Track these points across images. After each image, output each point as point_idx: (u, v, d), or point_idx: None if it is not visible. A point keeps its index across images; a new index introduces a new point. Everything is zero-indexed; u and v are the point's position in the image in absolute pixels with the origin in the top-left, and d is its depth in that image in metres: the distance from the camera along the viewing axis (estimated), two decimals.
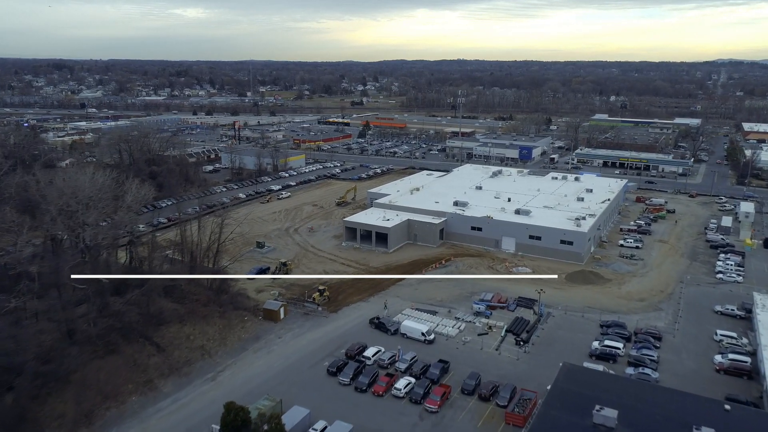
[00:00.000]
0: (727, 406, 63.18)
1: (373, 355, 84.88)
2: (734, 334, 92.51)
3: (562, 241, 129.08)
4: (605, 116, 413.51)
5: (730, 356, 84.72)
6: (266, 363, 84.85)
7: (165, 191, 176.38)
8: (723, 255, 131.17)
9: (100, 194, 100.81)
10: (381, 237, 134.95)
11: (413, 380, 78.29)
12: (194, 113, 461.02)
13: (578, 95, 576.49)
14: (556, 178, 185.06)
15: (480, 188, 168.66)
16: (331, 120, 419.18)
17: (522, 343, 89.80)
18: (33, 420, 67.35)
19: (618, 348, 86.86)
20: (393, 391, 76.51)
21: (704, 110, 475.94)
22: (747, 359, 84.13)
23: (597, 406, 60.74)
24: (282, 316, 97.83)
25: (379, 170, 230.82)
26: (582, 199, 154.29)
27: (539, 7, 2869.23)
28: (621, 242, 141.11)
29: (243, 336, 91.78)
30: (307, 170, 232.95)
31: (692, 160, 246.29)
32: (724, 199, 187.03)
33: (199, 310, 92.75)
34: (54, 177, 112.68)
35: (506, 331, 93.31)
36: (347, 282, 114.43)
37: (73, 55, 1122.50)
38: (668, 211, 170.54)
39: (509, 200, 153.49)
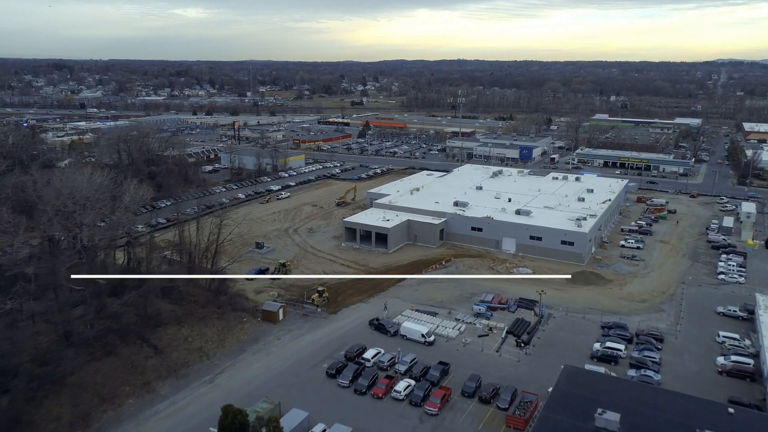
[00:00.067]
0: (731, 410, 62.53)
1: (373, 357, 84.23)
2: (737, 336, 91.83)
3: (563, 242, 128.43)
4: (605, 116, 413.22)
5: (733, 358, 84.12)
6: (265, 365, 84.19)
7: (164, 191, 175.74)
8: (725, 256, 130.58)
9: (98, 194, 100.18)
10: (381, 237, 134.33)
11: (413, 382, 77.65)
12: (194, 113, 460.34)
13: (578, 95, 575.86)
14: (557, 179, 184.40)
15: (480, 188, 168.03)
16: (331, 120, 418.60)
17: (523, 345, 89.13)
18: (29, 423, 66.74)
19: (619, 350, 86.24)
20: (393, 394, 75.86)
21: (705, 110, 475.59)
22: (750, 361, 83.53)
23: (599, 410, 60.10)
24: (281, 318, 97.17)
25: (379, 170, 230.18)
26: (583, 200, 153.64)
27: (539, 7, 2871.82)
28: (622, 243, 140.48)
29: (241, 337, 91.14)
30: (307, 170, 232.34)
31: (693, 160, 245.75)
32: (726, 200, 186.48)
33: (198, 312, 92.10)
34: (51, 177, 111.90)
35: (507, 333, 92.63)
36: (347, 283, 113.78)
37: (73, 55, 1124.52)
38: (669, 212, 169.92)
39: (510, 200, 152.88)
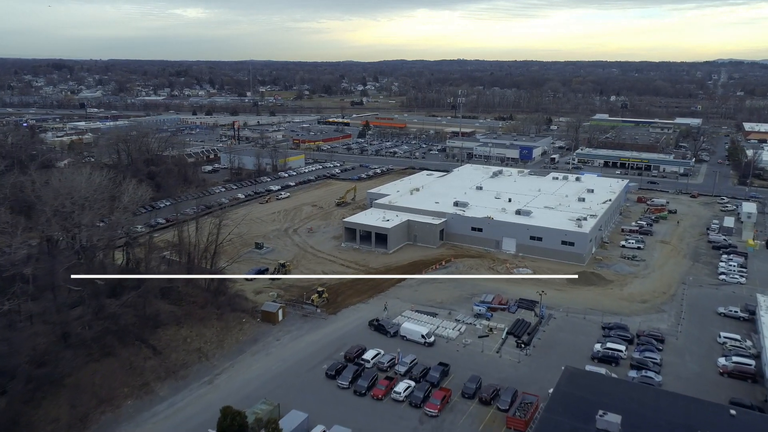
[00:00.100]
0: (733, 411, 62.12)
1: (373, 358, 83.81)
2: (738, 337, 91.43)
3: (564, 242, 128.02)
4: (606, 116, 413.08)
5: (734, 359, 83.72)
6: (264, 366, 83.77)
7: (163, 191, 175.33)
8: (725, 256, 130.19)
9: (96, 195, 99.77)
10: (381, 238, 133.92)
11: (413, 384, 77.20)
12: (194, 113, 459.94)
13: (578, 95, 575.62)
14: (557, 179, 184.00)
15: (480, 188, 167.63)
16: (331, 120, 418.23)
17: (523, 346, 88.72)
18: (27, 424, 66.34)
19: (620, 350, 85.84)
20: (392, 395, 75.45)
21: (705, 110, 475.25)
22: (751, 362, 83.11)
23: (600, 411, 59.69)
24: (280, 318, 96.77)
25: (379, 170, 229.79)
26: (583, 200, 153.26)
27: (539, 7, 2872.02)
28: (622, 243, 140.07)
29: (241, 338, 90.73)
30: (307, 170, 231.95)
31: (693, 161, 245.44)
32: (726, 200, 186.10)
33: (197, 312, 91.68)
34: (50, 177, 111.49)
35: (507, 334, 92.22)
36: (346, 283, 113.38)
37: (73, 55, 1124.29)
38: (670, 212, 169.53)
39: (510, 201, 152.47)
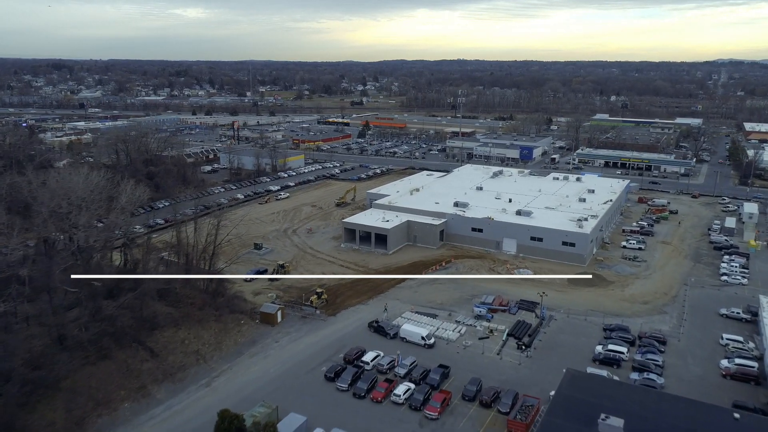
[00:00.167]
0: (737, 415, 61.30)
1: (372, 360, 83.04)
2: (740, 338, 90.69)
3: (564, 243, 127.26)
4: (606, 116, 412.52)
5: (737, 361, 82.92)
6: (262, 368, 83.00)
7: (162, 192, 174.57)
8: (727, 257, 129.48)
9: (93, 195, 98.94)
10: (380, 238, 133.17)
11: (413, 386, 76.45)
12: (193, 113, 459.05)
13: (578, 95, 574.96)
14: (558, 179, 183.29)
15: (480, 189, 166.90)
16: (331, 120, 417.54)
17: (524, 348, 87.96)
18: (22, 428, 65.55)
19: (622, 352, 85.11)
20: (392, 398, 74.69)
21: (705, 110, 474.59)
22: (754, 364, 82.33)
23: (602, 415, 58.85)
24: (279, 320, 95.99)
25: (379, 170, 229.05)
26: (584, 200, 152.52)
27: (539, 7, 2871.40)
28: (623, 244, 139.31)
29: (239, 340, 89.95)
30: (306, 170, 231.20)
31: (694, 161, 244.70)
32: (727, 200, 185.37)
33: (195, 314, 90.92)
34: (47, 178, 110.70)
35: (508, 335, 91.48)
36: (346, 284, 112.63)
37: (73, 55, 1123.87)
38: (671, 212, 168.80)
39: (510, 201, 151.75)
